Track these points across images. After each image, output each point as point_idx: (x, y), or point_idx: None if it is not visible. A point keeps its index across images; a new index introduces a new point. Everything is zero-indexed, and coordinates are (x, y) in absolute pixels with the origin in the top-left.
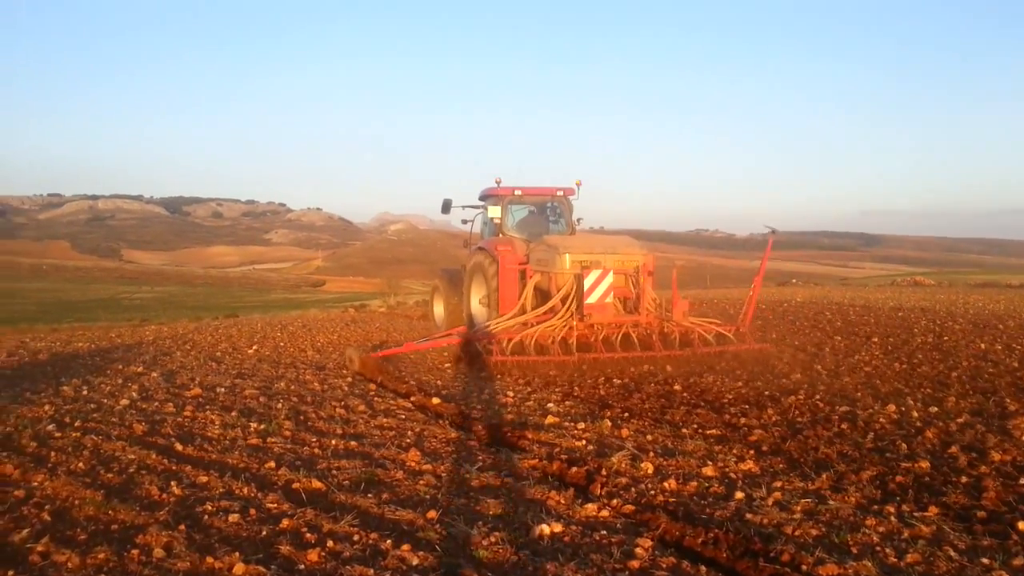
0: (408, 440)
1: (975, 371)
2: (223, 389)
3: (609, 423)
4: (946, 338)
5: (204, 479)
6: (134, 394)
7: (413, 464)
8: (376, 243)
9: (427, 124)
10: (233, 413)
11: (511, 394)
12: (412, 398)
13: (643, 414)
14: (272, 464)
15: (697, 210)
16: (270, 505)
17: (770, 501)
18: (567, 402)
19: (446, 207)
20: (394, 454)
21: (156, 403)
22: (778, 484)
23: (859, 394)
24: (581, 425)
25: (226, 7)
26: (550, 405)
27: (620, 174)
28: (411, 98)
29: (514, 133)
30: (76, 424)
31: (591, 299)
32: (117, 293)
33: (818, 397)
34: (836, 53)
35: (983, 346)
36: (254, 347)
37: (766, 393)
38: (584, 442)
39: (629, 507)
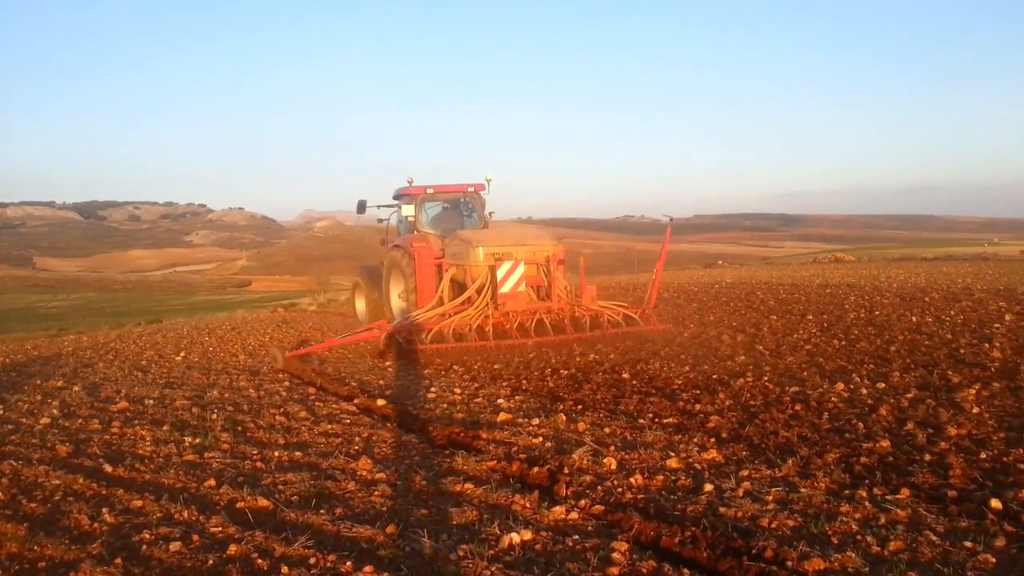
0: (356, 447)
1: (912, 344)
2: (151, 401)
3: (564, 417)
4: (877, 312)
5: (139, 503)
6: (55, 411)
7: (365, 473)
8: (302, 241)
9: (350, 119)
10: (165, 427)
11: (458, 391)
12: (355, 400)
13: (596, 405)
14: (212, 482)
15: (623, 197)
16: (214, 529)
17: (740, 492)
18: (517, 396)
19: (361, 207)
20: (343, 463)
21: (80, 420)
22: (745, 473)
23: (805, 374)
24: (535, 421)
25: (137, 5)
26: (500, 401)
27: (546, 163)
28: (332, 94)
29: (440, 125)
30: None
31: (504, 288)
32: (32, 303)
33: (766, 379)
34: (754, 36)
35: (914, 319)
36: (182, 354)
37: (714, 377)
38: (541, 439)
39: (598, 507)
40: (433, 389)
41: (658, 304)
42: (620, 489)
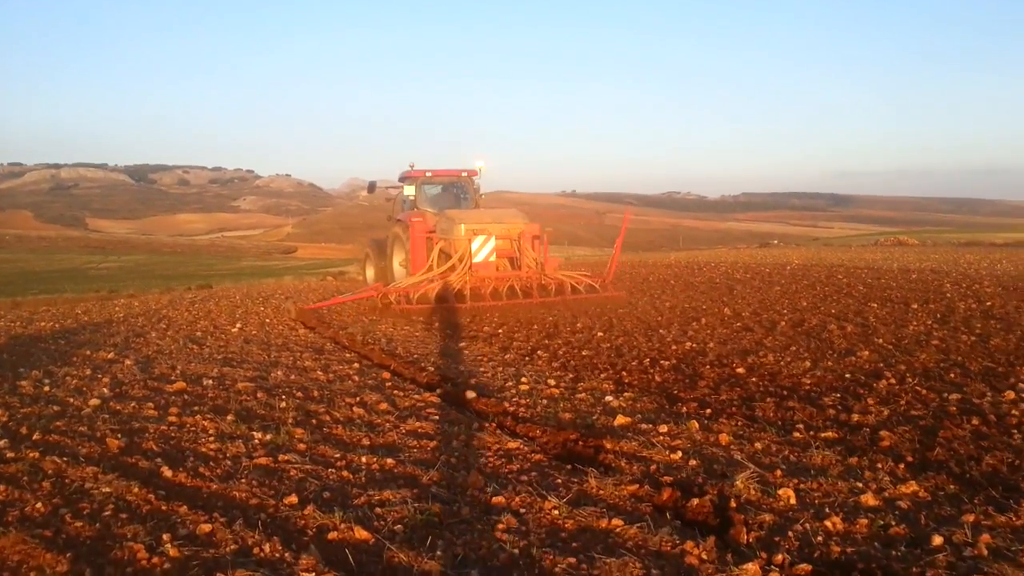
0: (457, 453)
1: None
2: (211, 381)
3: (696, 425)
4: (989, 304)
5: (207, 527)
6: (105, 390)
7: (477, 493)
8: (347, 209)
9: (399, 89)
10: (229, 417)
11: (553, 383)
12: (438, 391)
13: (726, 409)
14: (294, 498)
15: (669, 173)
16: (305, 575)
17: (983, 548)
18: (627, 393)
19: (371, 188)
20: (448, 477)
21: (133, 403)
22: (971, 519)
23: (952, 375)
24: (663, 428)
25: None
26: (609, 399)
27: (591, 138)
28: (381, 64)
29: (486, 98)
30: (34, 437)
31: (477, 259)
32: (83, 263)
33: (912, 381)
34: (809, 14)
35: None
36: (238, 325)
37: (847, 376)
38: (680, 455)
39: (804, 567)
40: (524, 379)
41: (617, 275)
42: (818, 537)
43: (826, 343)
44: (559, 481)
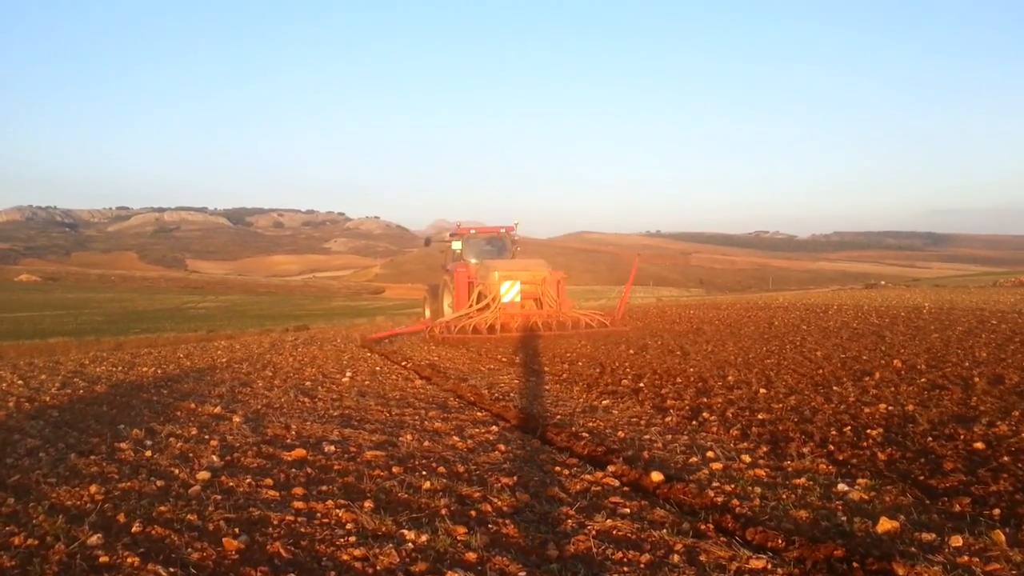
0: None
1: None
2: (332, 447)
3: (1002, 536)
4: None
5: None
6: (215, 457)
7: None
8: (432, 250)
9: (484, 128)
10: (367, 504)
11: (748, 459)
12: (610, 469)
13: (1017, 510)
14: None
15: (756, 212)
16: None
17: None
18: (860, 480)
19: (427, 242)
20: None
21: (248, 477)
22: None
23: None
24: (956, 542)
25: (292, 26)
26: (842, 486)
27: (676, 177)
28: (466, 106)
29: (571, 138)
30: (134, 529)
31: (505, 299)
32: (183, 303)
33: None
34: (906, 41)
35: None
36: (348, 373)
37: None
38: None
39: None
40: (710, 454)
41: (626, 314)
42: None
43: None
44: None
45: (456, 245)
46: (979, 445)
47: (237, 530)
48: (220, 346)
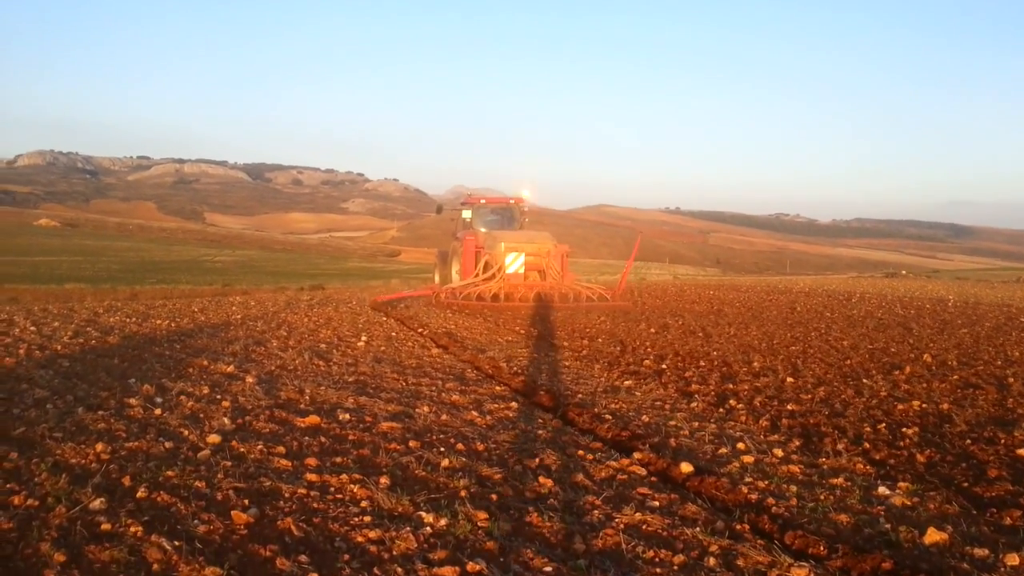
0: None
1: None
2: (347, 415)
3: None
4: None
5: None
6: (226, 419)
7: None
8: (449, 214)
9: (504, 99)
10: (383, 480)
11: (780, 452)
12: (636, 456)
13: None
14: None
15: (777, 194)
16: None
17: None
18: (901, 483)
19: (439, 210)
20: None
21: (260, 443)
22: None
23: None
24: (1013, 560)
25: None
26: (883, 490)
27: (698, 155)
28: (490, 72)
29: (594, 112)
30: (139, 494)
31: (509, 270)
32: (199, 255)
33: None
34: (934, 29)
35: None
36: (363, 337)
37: None
38: None
39: None
40: (741, 446)
41: (626, 290)
42: None
43: None
44: None
45: (466, 214)
46: (1022, 452)
47: (247, 501)
48: (235, 302)
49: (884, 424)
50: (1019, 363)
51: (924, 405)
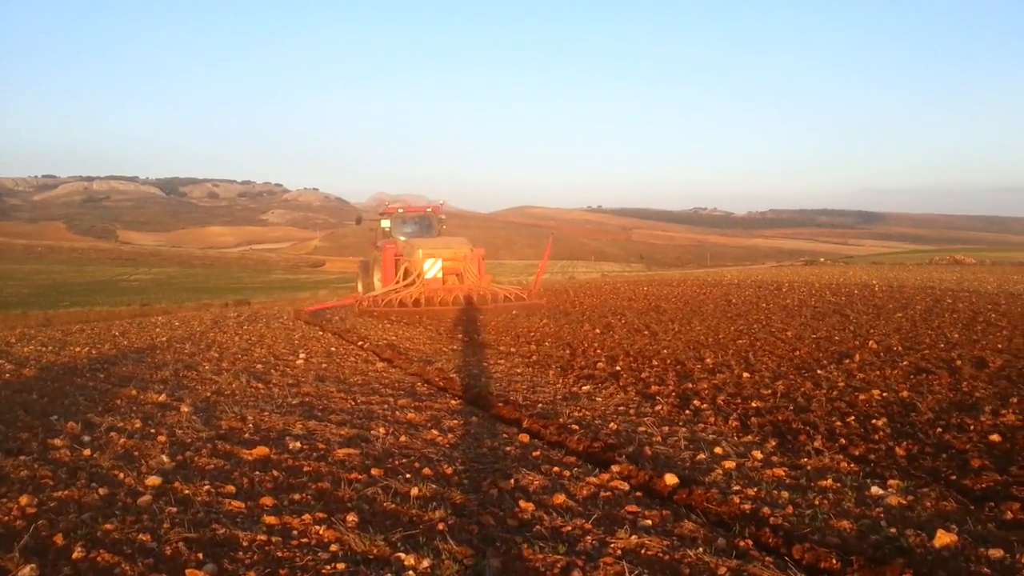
0: None
1: None
2: (298, 443)
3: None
4: None
5: None
6: (164, 457)
7: None
8: (370, 224)
9: (422, 105)
10: (350, 518)
11: (760, 455)
12: (614, 469)
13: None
14: None
15: (695, 190)
16: None
17: None
18: (892, 481)
19: (359, 220)
20: None
21: (206, 483)
22: None
23: None
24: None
25: None
26: (876, 490)
27: (616, 154)
28: (406, 79)
29: (508, 114)
30: (75, 555)
31: (428, 275)
32: (115, 275)
33: None
34: (838, 22)
35: None
36: (301, 355)
37: None
38: None
39: None
40: (718, 450)
41: (540, 288)
42: None
43: None
44: None
45: (385, 223)
46: (995, 437)
47: (201, 555)
48: (158, 322)
49: (852, 417)
50: (961, 345)
51: (884, 394)
